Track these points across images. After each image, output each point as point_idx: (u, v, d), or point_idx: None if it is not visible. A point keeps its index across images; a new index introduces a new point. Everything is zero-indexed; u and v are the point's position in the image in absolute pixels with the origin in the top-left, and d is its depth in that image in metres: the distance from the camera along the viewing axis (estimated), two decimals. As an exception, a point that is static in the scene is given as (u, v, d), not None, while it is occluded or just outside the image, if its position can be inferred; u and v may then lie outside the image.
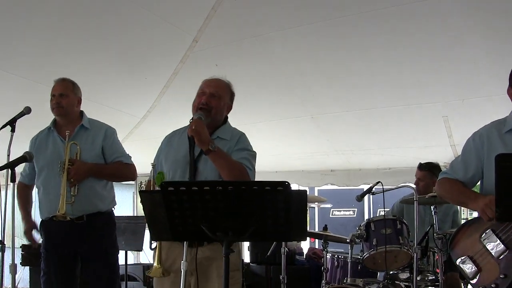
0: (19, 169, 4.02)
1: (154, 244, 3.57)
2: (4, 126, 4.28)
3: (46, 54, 5.69)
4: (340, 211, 11.96)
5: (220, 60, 6.03)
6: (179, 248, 3.32)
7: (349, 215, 11.91)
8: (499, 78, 5.90)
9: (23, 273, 8.42)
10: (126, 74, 6.27)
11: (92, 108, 5.09)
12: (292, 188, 2.57)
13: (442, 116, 6.86)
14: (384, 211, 5.76)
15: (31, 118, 4.46)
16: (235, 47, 6.00)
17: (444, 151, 7.59)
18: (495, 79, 5.93)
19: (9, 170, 3.83)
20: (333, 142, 8.04)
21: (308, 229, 10.41)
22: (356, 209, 11.92)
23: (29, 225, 4.71)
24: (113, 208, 4.86)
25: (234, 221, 2.60)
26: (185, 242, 3.21)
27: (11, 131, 4.23)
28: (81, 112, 4.85)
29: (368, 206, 11.81)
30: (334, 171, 8.88)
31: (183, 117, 7.18)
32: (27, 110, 4.40)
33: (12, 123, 4.29)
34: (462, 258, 3.45)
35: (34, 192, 4.87)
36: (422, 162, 6.47)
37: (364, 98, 6.84)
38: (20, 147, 4.29)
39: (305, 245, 8.56)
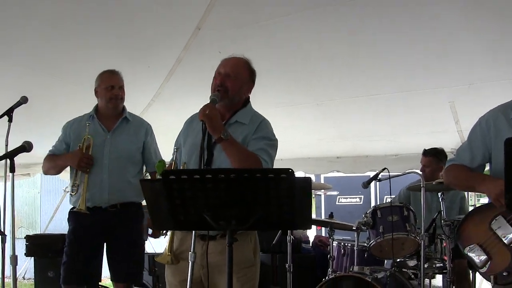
0: (18, 159, 3.95)
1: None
2: (1, 117, 4.23)
3: (46, 42, 5.59)
4: (347, 198, 11.91)
5: (224, 47, 5.94)
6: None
7: (356, 202, 11.86)
8: (507, 62, 5.84)
9: (30, 263, 8.41)
10: (128, 62, 6.17)
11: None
12: (297, 176, 2.50)
13: (449, 102, 6.78)
14: (391, 197, 5.71)
15: (31, 108, 4.43)
16: (239, 34, 5.90)
17: (451, 137, 7.52)
18: (503, 63, 5.86)
19: (8, 160, 3.81)
20: (339, 129, 7.98)
21: (314, 216, 10.44)
22: (362, 196, 11.86)
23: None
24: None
25: (237, 210, 2.53)
26: (193, 232, 3.14)
27: (8, 121, 4.20)
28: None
29: (374, 193, 11.76)
30: (340, 158, 8.79)
31: (187, 105, 7.10)
32: (23, 100, 4.37)
33: (9, 113, 4.25)
34: (471, 246, 3.36)
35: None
36: (426, 148, 6.40)
37: (369, 84, 6.75)
38: (18, 137, 4.25)
39: (311, 233, 8.51)
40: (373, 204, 11.49)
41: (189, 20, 5.78)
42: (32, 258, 6.92)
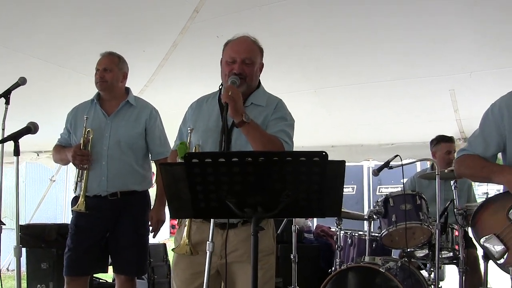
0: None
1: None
2: None
3: (36, 25, 5.38)
4: (340, 187, 11.84)
5: (222, 31, 5.77)
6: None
7: (348, 192, 11.74)
8: (508, 51, 5.73)
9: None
10: (123, 46, 5.89)
11: (87, 81, 4.85)
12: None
13: (449, 90, 6.66)
14: (403, 183, 5.58)
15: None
16: (237, 18, 5.73)
17: (449, 126, 7.40)
18: (505, 52, 5.74)
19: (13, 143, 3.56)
20: (335, 117, 7.83)
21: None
22: (355, 186, 11.76)
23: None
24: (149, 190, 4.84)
25: (264, 196, 2.38)
26: (211, 220, 2.94)
27: (5, 103, 3.95)
28: (127, 89, 4.86)
29: (368, 184, 11.65)
30: (335, 147, 8.65)
31: (182, 91, 6.96)
32: (22, 81, 4.12)
33: (6, 95, 4.00)
34: (487, 237, 3.21)
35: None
36: (444, 135, 6.39)
37: (368, 71, 6.61)
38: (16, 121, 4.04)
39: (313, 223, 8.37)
40: (366, 194, 11.44)
41: (186, 3, 5.63)
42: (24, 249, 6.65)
